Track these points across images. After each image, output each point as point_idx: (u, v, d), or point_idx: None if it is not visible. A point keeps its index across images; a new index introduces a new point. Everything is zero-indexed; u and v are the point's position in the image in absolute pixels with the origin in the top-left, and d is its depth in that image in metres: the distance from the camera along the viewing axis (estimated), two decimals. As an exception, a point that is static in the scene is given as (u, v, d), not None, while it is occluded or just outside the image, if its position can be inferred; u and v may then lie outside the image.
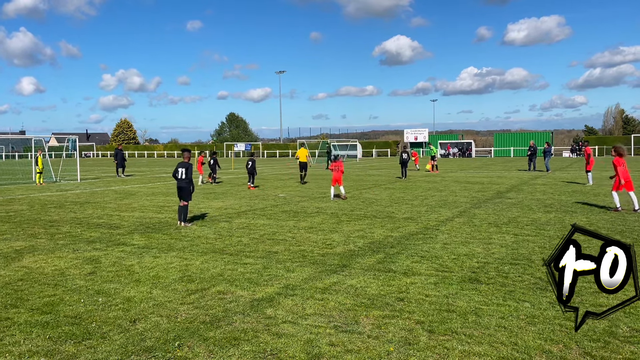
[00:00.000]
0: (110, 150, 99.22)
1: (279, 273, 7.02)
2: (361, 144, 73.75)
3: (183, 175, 11.39)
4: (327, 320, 5.14)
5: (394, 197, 16.83)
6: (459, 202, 15.00)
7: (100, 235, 10.11)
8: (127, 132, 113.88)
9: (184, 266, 7.50)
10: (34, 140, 33.11)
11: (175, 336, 4.74)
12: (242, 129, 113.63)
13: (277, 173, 32.43)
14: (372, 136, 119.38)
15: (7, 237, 10.01)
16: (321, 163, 48.83)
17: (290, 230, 10.47)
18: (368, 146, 78.00)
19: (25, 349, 4.48)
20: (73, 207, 15.02)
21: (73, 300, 5.85)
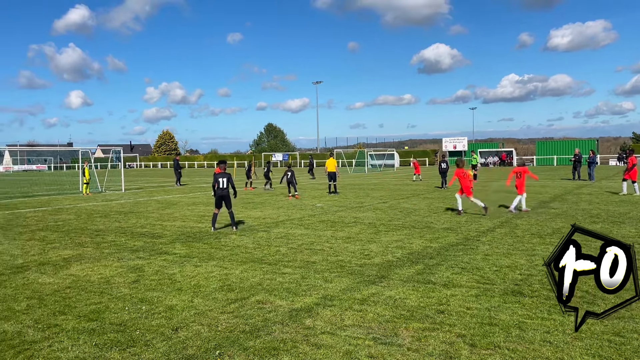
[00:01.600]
0: (153, 161, 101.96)
1: (317, 283, 7.03)
2: (398, 153, 73.23)
3: (224, 185, 11.89)
4: (366, 331, 5.11)
5: (432, 206, 16.61)
6: (500, 212, 14.66)
7: (144, 245, 10.39)
8: (168, 143, 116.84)
9: (223, 275, 7.61)
10: (81, 151, 34.37)
11: (216, 345, 4.80)
12: (280, 139, 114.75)
13: (314, 183, 32.55)
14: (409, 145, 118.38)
15: (56, 246, 10.41)
16: (359, 172, 48.72)
17: (328, 240, 10.48)
18: (406, 155, 77.37)
19: (73, 355, 4.64)
20: (117, 216, 15.49)
21: (118, 308, 6.02)
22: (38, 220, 14.91)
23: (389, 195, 21.68)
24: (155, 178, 44.25)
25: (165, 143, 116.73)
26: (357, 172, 49.40)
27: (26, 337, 5.10)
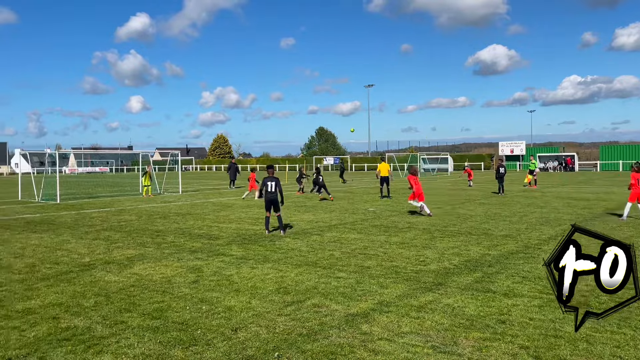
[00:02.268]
0: (208, 164, 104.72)
1: (373, 289, 6.99)
2: (452, 157, 71.81)
3: (273, 188, 12.10)
4: (424, 339, 5.03)
5: (490, 213, 16.17)
6: (562, 220, 14.09)
7: (202, 246, 10.68)
8: (223, 147, 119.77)
9: (279, 278, 7.71)
10: (141, 154, 35.79)
11: (274, 347, 4.87)
12: (331, 142, 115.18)
13: (365, 187, 32.42)
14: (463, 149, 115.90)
15: (119, 245, 10.87)
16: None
17: (382, 245, 10.40)
18: (460, 159, 75.75)
19: (139, 351, 4.82)
20: (176, 218, 16.01)
21: (179, 307, 6.22)
22: (102, 220, 15.62)
23: (444, 200, 21.29)
24: (210, 181, 45.46)
25: (219, 146, 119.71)
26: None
27: (95, 333, 5.35)
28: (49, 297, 6.76)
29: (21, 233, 12.99)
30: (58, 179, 24.37)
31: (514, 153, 70.06)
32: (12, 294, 6.96)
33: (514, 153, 70.06)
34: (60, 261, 9.23)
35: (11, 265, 8.90)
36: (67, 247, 10.70)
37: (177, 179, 31.62)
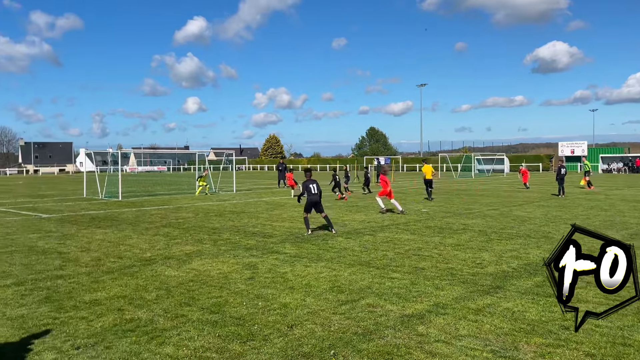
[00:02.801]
0: (260, 164, 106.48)
1: (428, 290, 6.89)
2: (508, 157, 69.67)
3: (315, 190, 12.41)
4: (483, 343, 4.91)
5: (549, 215, 15.58)
6: (628, 224, 13.38)
7: (256, 243, 10.87)
8: (275, 147, 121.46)
9: (333, 276, 7.73)
10: (197, 154, 36.85)
11: (330, 345, 4.89)
12: (382, 143, 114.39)
13: (417, 187, 31.98)
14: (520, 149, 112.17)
15: (178, 242, 11.23)
16: (465, 178, 47.10)
17: (436, 247, 10.23)
18: (516, 160, 73.39)
19: (199, 344, 4.97)
20: (231, 215, 16.37)
21: (236, 303, 6.36)
22: (161, 217, 16.20)
23: (500, 201, 20.69)
24: (262, 180, 46.16)
25: (271, 147, 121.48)
26: (463, 177, 47.77)
27: (157, 325, 5.56)
28: (114, 290, 7.08)
29: (87, 228, 13.66)
30: (120, 178, 25.46)
31: (575, 154, 67.14)
32: (80, 286, 7.33)
33: (575, 154, 67.14)
34: (123, 255, 9.65)
35: (78, 259, 9.38)
36: (129, 242, 11.16)
37: (231, 178, 32.33)
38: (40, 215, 17.17)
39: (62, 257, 9.58)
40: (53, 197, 26.33)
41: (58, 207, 20.56)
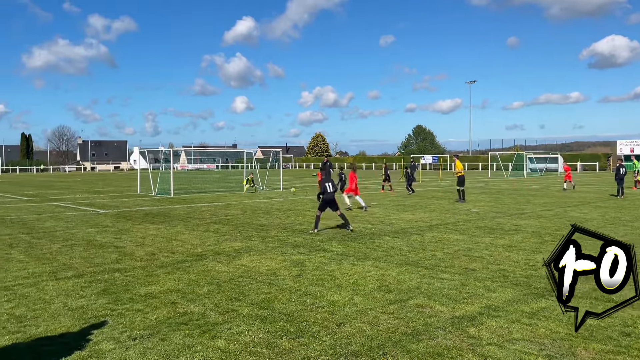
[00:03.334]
0: (306, 162, 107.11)
1: (479, 292, 6.74)
2: (562, 156, 67.15)
3: (331, 189, 12.54)
4: (538, 347, 4.75)
5: (607, 217, 14.91)
6: None
7: (303, 241, 10.94)
8: (320, 145, 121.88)
9: (380, 276, 7.68)
10: (245, 152, 37.48)
11: (378, 344, 4.86)
12: (429, 141, 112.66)
13: (466, 186, 31.28)
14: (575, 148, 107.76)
15: (227, 238, 11.46)
16: (516, 177, 45.73)
17: (487, 248, 9.99)
18: (571, 159, 70.66)
19: (249, 339, 5.05)
20: (278, 213, 16.56)
21: (285, 299, 6.42)
22: (211, 214, 16.58)
23: (554, 202, 19.98)
24: (308, 178, 46.41)
25: (317, 145, 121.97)
26: (514, 177, 46.41)
27: (209, 319, 5.69)
28: (167, 284, 7.30)
29: (141, 224, 14.16)
30: (172, 175, 26.23)
31: (635, 152, 63.92)
32: (135, 279, 7.61)
33: (635, 152, 63.92)
34: (175, 250, 9.94)
35: (134, 253, 9.73)
36: (181, 238, 11.49)
37: (278, 176, 32.68)
38: (97, 211, 17.93)
39: (119, 251, 9.97)
40: (109, 194, 27.43)
41: (114, 203, 21.41)
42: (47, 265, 8.62)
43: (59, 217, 15.92)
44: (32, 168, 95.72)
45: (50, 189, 32.59)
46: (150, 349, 4.81)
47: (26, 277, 7.82)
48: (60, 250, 10.11)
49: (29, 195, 26.68)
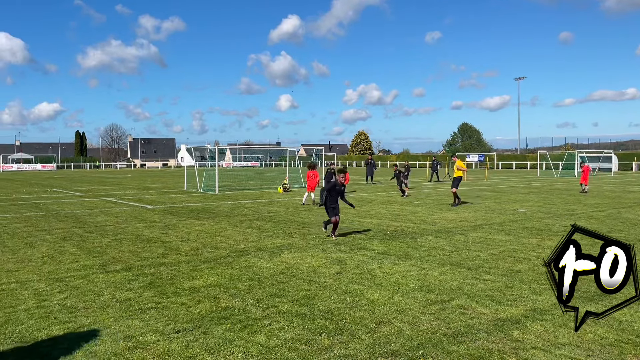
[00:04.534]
0: (349, 160, 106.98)
1: (524, 294, 6.55)
2: (617, 155, 64.29)
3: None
4: (586, 353, 4.58)
5: (664, 218, 14.17)
6: None
7: (344, 239, 10.94)
8: (363, 144, 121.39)
9: (422, 275, 7.59)
10: (288, 150, 37.77)
11: (418, 344, 4.81)
12: (475, 139, 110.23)
13: (514, 186, 30.46)
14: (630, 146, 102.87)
15: (269, 235, 11.60)
16: (567, 177, 44.14)
17: (534, 249, 9.69)
18: (626, 158, 67.53)
19: (289, 335, 5.10)
20: (319, 211, 16.60)
21: (325, 297, 6.44)
22: (254, 210, 16.81)
23: (607, 203, 19.16)
24: (351, 176, 46.35)
25: (360, 143, 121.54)
26: (564, 176, 44.80)
27: (250, 314, 5.78)
28: (211, 278, 7.46)
29: (187, 219, 14.52)
30: (217, 172, 26.76)
31: (697, 151, 60.38)
32: (180, 274, 7.81)
33: (697, 151, 60.38)
34: (219, 246, 10.14)
35: (179, 248, 9.99)
36: (224, 234, 11.71)
37: (320, 174, 32.76)
38: (145, 207, 18.52)
39: (165, 245, 10.26)
40: (157, 190, 28.27)
41: (161, 199, 22.05)
42: (98, 259, 8.98)
43: (109, 212, 16.54)
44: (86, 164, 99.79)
45: (102, 185, 33.90)
46: (193, 342, 4.93)
47: (78, 269, 8.17)
48: (110, 244, 10.51)
49: (81, 191, 27.84)
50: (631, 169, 63.22)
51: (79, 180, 43.30)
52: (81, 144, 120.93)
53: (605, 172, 53.49)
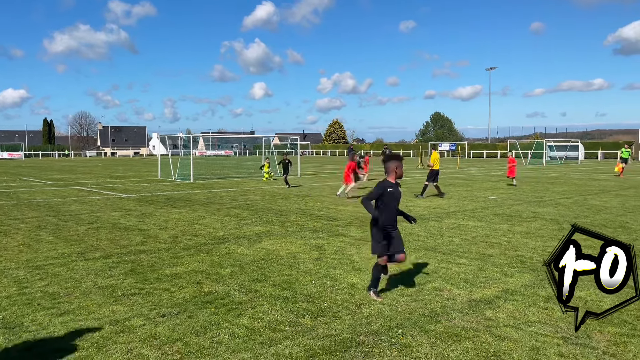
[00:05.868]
0: (323, 149, 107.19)
1: (496, 276, 6.85)
2: (583, 144, 66.17)
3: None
4: (554, 330, 4.87)
5: (627, 205, 14.80)
6: None
7: (322, 226, 11.12)
8: (337, 132, 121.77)
9: (399, 260, 7.82)
10: (263, 139, 37.74)
11: (397, 324, 5.03)
12: (447, 128, 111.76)
13: (485, 174, 31.17)
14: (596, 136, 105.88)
15: (248, 222, 11.70)
16: (535, 165, 45.30)
17: (505, 234, 10.05)
18: (592, 147, 69.61)
19: (272, 317, 5.26)
20: (296, 199, 16.76)
21: (306, 281, 6.62)
22: (231, 199, 16.85)
23: (573, 190, 19.84)
24: (325, 165, 46.56)
25: (334, 132, 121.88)
26: (533, 165, 45.97)
27: (233, 298, 5.91)
28: (192, 265, 7.55)
29: (163, 208, 14.48)
30: (192, 161, 26.58)
31: (659, 141, 62.64)
32: (161, 261, 7.87)
33: (659, 141, 62.64)
34: (198, 234, 10.20)
35: (158, 236, 10.01)
36: (202, 222, 11.75)
37: (295, 163, 32.86)
38: (120, 195, 18.34)
39: (143, 233, 10.27)
40: (130, 179, 27.93)
41: (135, 187, 21.83)
42: (76, 247, 8.95)
43: (83, 201, 16.34)
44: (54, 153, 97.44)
45: (72, 174, 33.27)
46: (179, 325, 5.04)
47: (56, 257, 8.14)
48: (87, 232, 10.45)
49: (52, 180, 27.30)
50: (597, 158, 65.20)
51: (49, 169, 42.35)
52: (49, 132, 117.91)
53: (572, 161, 55.03)
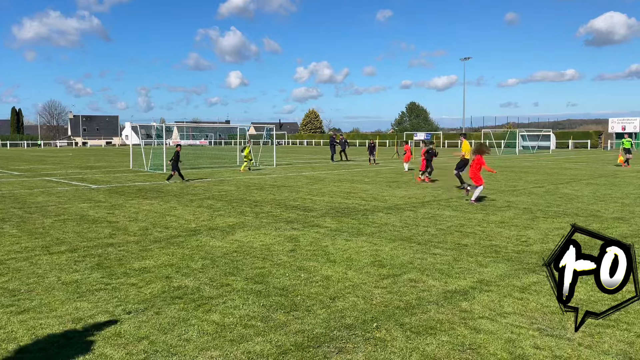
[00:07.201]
0: (299, 139, 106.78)
1: (471, 267, 6.81)
2: (555, 134, 67.37)
3: None
4: (529, 321, 4.83)
5: (598, 193, 15.03)
6: None
7: (297, 217, 10.97)
8: (314, 122, 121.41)
9: (374, 251, 7.73)
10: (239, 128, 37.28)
11: (372, 317, 4.92)
12: (423, 118, 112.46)
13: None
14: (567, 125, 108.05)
15: (221, 214, 11.46)
16: (509, 154, 45.90)
17: (480, 224, 10.06)
18: (563, 137, 70.94)
19: (244, 312, 5.09)
20: (272, 189, 16.55)
21: (279, 274, 6.46)
22: (205, 190, 16.54)
23: (545, 179, 20.10)
24: (302, 155, 46.34)
25: (311, 121, 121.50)
26: (506, 154, 46.59)
27: (203, 293, 5.72)
28: (162, 258, 7.31)
29: (134, 199, 14.11)
30: (165, 151, 26.05)
31: (626, 130, 64.21)
32: (130, 254, 7.61)
33: (626, 130, 64.21)
34: (169, 226, 9.93)
35: (127, 228, 9.71)
36: (174, 214, 11.47)
37: (271, 153, 32.57)
38: (89, 186, 17.84)
39: (112, 226, 9.95)
40: (101, 169, 27.26)
41: (106, 178, 21.29)
42: (40, 240, 8.60)
43: (51, 192, 15.83)
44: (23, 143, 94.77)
45: (41, 164, 32.32)
46: (145, 322, 4.83)
47: (19, 251, 7.80)
48: (53, 225, 10.08)
49: (20, 170, 26.46)
50: (568, 147, 66.47)
51: (17, 159, 41.11)
52: (17, 121, 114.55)
53: (544, 150, 55.97)
